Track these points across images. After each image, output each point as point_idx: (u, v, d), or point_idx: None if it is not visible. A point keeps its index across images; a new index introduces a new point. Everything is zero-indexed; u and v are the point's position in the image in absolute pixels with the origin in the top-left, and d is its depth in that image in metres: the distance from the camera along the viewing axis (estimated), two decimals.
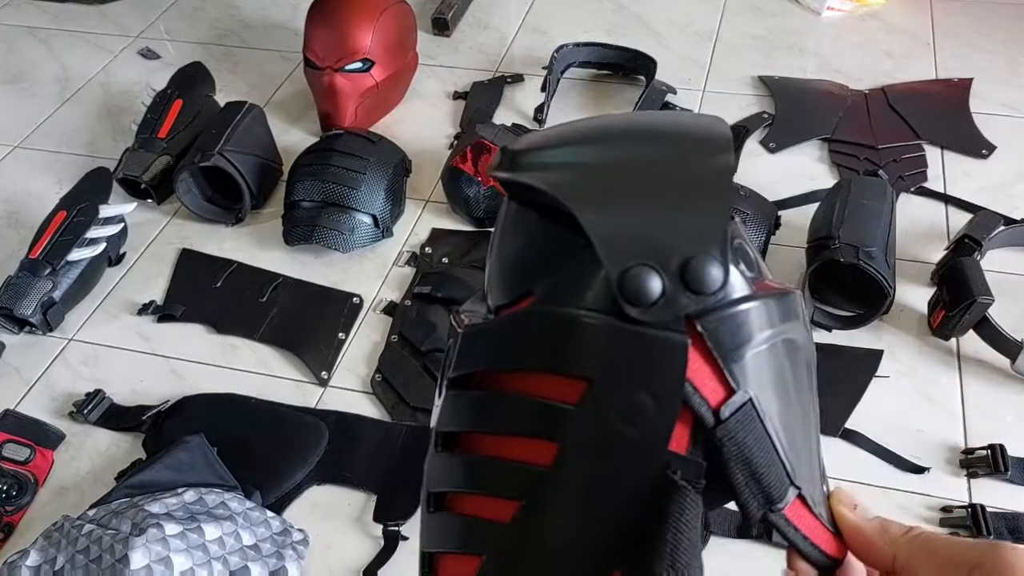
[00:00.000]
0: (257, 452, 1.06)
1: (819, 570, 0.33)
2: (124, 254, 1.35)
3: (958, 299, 1.07)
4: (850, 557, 0.33)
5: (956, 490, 0.99)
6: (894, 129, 1.44)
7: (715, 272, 0.28)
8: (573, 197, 0.29)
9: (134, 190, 1.41)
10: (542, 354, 0.29)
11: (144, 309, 1.27)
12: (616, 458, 0.29)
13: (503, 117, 1.53)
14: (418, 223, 1.37)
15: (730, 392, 0.29)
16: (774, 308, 0.30)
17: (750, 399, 0.30)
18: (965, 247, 1.14)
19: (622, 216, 0.29)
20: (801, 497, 0.32)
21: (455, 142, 1.47)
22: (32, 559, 0.86)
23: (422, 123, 1.56)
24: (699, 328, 0.28)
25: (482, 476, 0.31)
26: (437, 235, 1.34)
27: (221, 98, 1.51)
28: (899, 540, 0.32)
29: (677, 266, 0.28)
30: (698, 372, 0.29)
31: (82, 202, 1.30)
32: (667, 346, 0.28)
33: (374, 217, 1.31)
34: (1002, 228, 1.17)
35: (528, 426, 0.30)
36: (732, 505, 0.33)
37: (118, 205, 1.32)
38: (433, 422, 0.33)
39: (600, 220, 0.28)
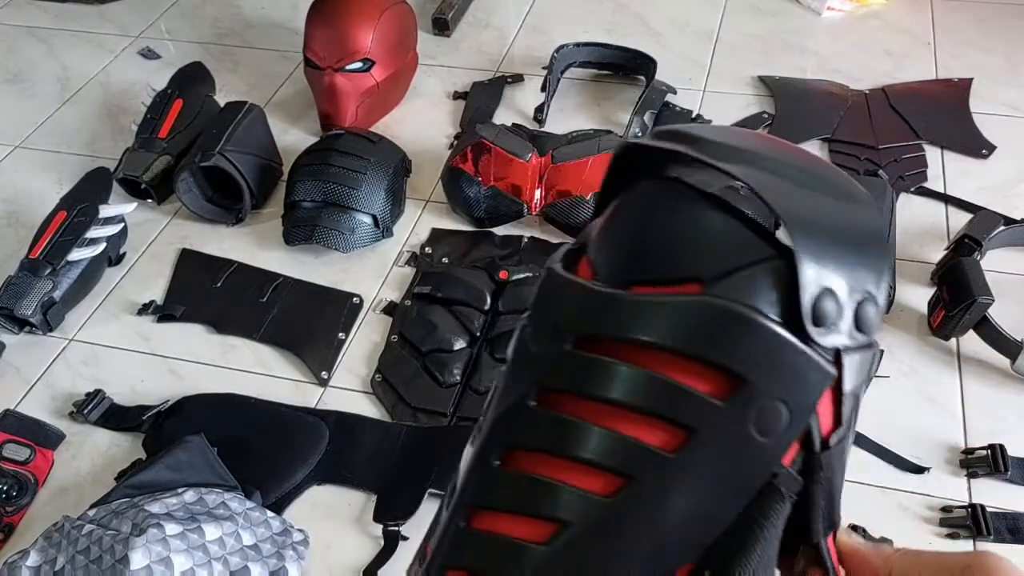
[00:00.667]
0: (257, 452, 1.06)
1: None
2: (124, 254, 1.35)
3: (958, 299, 1.07)
4: None
5: (956, 490, 0.99)
6: (894, 129, 1.44)
7: (877, 318, 0.30)
8: (785, 209, 0.29)
9: (134, 190, 1.41)
10: (709, 344, 0.29)
11: (144, 309, 1.27)
12: (740, 459, 0.30)
13: (503, 117, 1.53)
14: (418, 223, 1.37)
15: (837, 424, 0.31)
16: (877, 358, 0.33)
17: (846, 434, 0.32)
18: (965, 247, 1.15)
19: (825, 242, 0.30)
20: None
21: (455, 142, 1.47)
22: (32, 559, 0.86)
23: (422, 123, 1.56)
24: (843, 362, 0.30)
25: (588, 444, 0.30)
26: (437, 235, 1.34)
27: (221, 98, 1.51)
28: (892, 556, 0.34)
29: (856, 303, 0.30)
30: (823, 401, 0.31)
31: (82, 202, 1.30)
32: (821, 372, 0.30)
33: (374, 217, 1.31)
34: (1002, 228, 1.17)
35: (664, 408, 0.29)
36: None
37: (118, 205, 1.32)
38: (513, 369, 0.32)
39: (809, 240, 0.29)
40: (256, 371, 1.18)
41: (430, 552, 0.33)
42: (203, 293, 1.28)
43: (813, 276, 0.29)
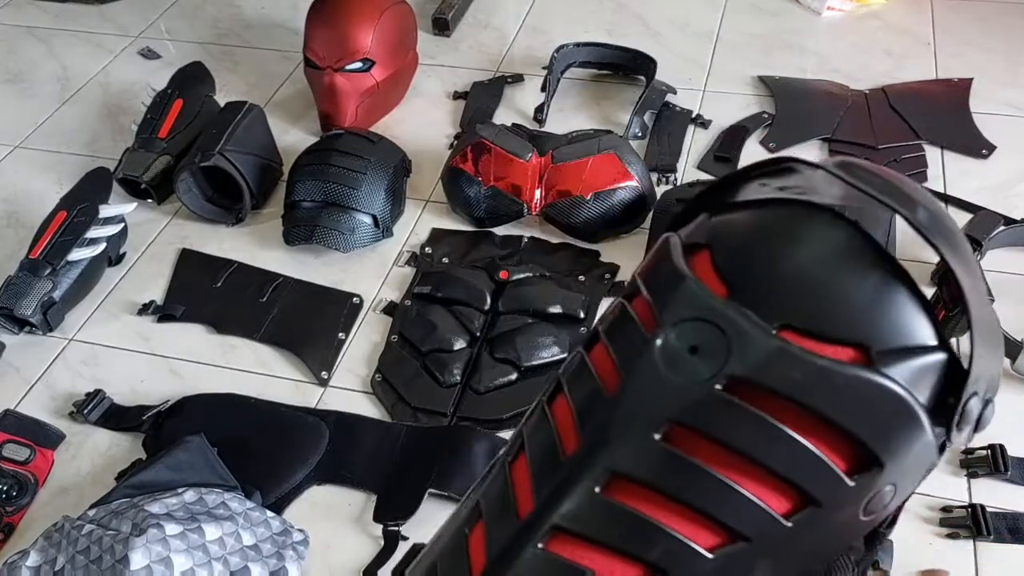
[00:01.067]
0: (257, 452, 1.06)
1: None
2: (124, 254, 1.35)
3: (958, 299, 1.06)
4: None
5: (956, 490, 0.99)
6: (894, 129, 1.44)
7: (991, 417, 0.34)
8: (979, 317, 0.29)
9: (134, 190, 1.41)
10: (867, 424, 0.28)
11: (144, 309, 1.27)
12: (841, 533, 0.29)
13: (503, 117, 1.53)
14: (418, 223, 1.37)
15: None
16: None
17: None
18: None
19: (994, 349, 0.31)
20: None
21: (455, 142, 1.47)
22: (32, 559, 0.86)
23: (422, 123, 1.56)
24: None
25: (709, 497, 0.28)
26: (437, 235, 1.34)
27: (221, 98, 1.51)
28: None
29: (983, 405, 0.34)
30: None
31: (82, 202, 1.30)
32: (933, 462, 0.32)
33: (374, 217, 1.31)
34: (1002, 228, 1.17)
35: (797, 475, 0.28)
36: None
37: (118, 205, 1.32)
38: (637, 386, 0.29)
39: (986, 349, 0.30)
40: (256, 371, 1.18)
41: (487, 561, 0.30)
42: (203, 293, 1.28)
43: (974, 381, 0.30)
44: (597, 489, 0.28)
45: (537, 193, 1.29)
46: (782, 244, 0.29)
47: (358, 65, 1.46)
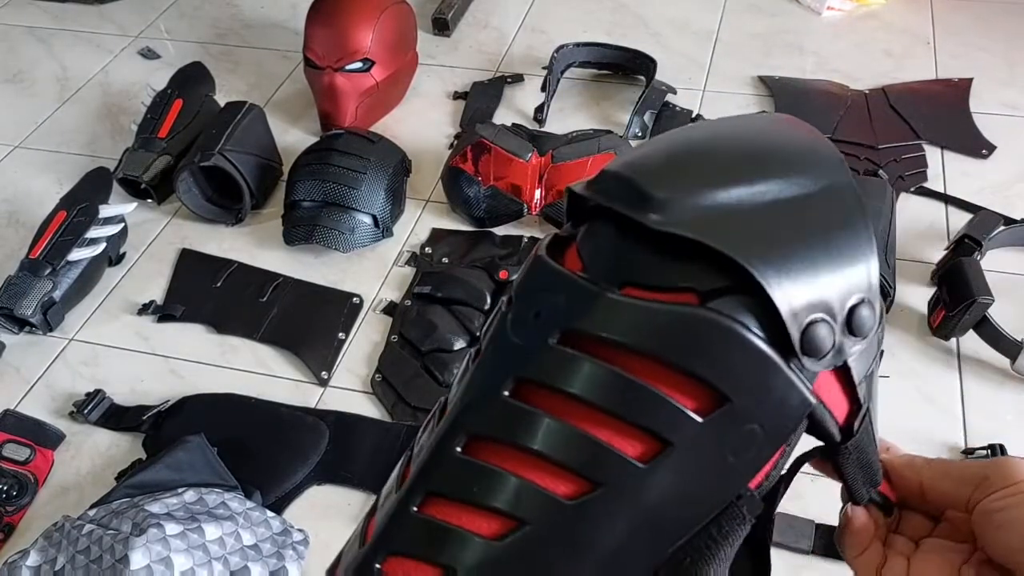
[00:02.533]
0: (257, 452, 1.06)
1: (884, 513, 0.38)
2: (124, 254, 1.35)
3: (958, 299, 1.07)
4: None
5: None
6: (894, 129, 1.44)
7: (873, 316, 0.30)
8: (743, 254, 0.28)
9: (134, 190, 1.41)
10: (700, 357, 0.28)
11: (144, 309, 1.27)
12: (708, 478, 0.29)
13: (503, 117, 1.53)
14: (418, 223, 1.37)
15: (857, 409, 0.32)
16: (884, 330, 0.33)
17: (867, 409, 0.33)
18: (965, 247, 1.15)
19: (793, 270, 0.29)
20: None
21: (455, 142, 1.47)
22: (32, 559, 0.86)
23: (422, 123, 1.56)
24: (848, 360, 0.31)
25: (561, 443, 0.29)
26: (437, 235, 1.34)
27: (221, 98, 1.51)
28: (923, 468, 0.37)
29: (845, 316, 0.30)
30: (834, 397, 0.31)
31: (82, 202, 1.30)
32: (802, 400, 0.30)
33: (374, 217, 1.31)
34: (1002, 228, 1.17)
35: (645, 418, 0.29)
36: None
37: (118, 205, 1.32)
38: (490, 355, 0.31)
39: (778, 278, 0.29)
40: (256, 371, 1.18)
41: (373, 534, 0.31)
42: (203, 293, 1.28)
43: (792, 314, 0.29)
44: (458, 449, 0.29)
45: (537, 193, 1.29)
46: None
47: (358, 65, 1.46)
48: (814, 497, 0.98)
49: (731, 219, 0.29)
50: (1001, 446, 1.00)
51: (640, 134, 1.48)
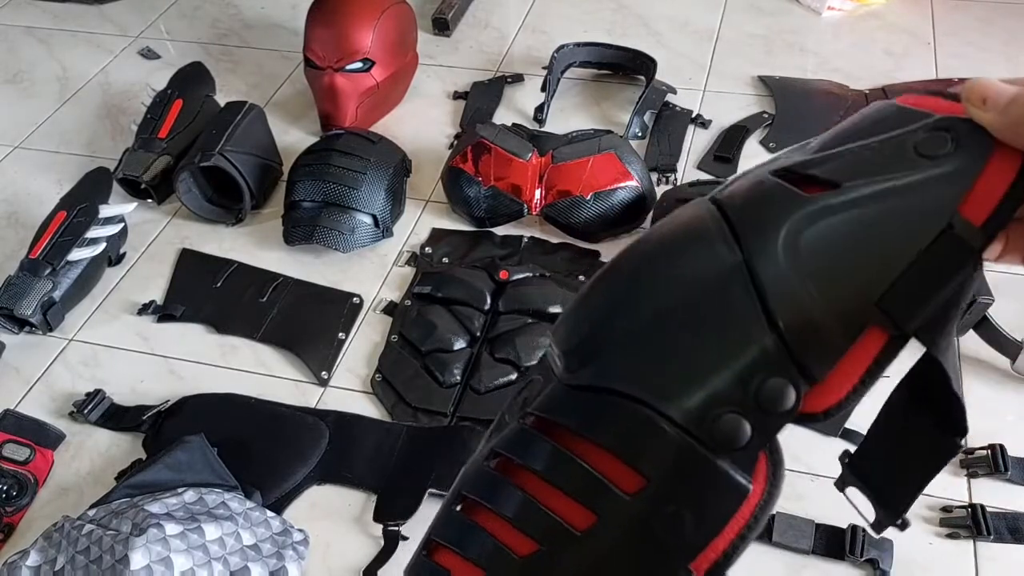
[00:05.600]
0: (257, 452, 1.06)
1: None
2: (124, 254, 1.35)
3: None
4: None
5: (956, 490, 0.99)
6: None
7: (785, 386, 0.31)
8: (639, 388, 0.32)
9: (134, 190, 1.41)
10: (621, 441, 0.32)
11: (144, 309, 1.27)
12: (641, 556, 0.32)
13: (503, 117, 1.53)
14: (418, 223, 1.37)
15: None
16: None
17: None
18: None
19: (678, 382, 0.32)
20: None
21: (455, 142, 1.47)
22: (32, 559, 0.86)
23: (422, 123, 1.56)
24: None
25: (516, 509, 0.33)
26: (437, 235, 1.34)
27: (221, 98, 1.51)
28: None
29: (752, 399, 0.31)
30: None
31: (82, 202, 1.30)
32: (733, 488, 0.31)
33: (374, 217, 1.31)
34: None
35: (580, 492, 0.33)
36: None
37: (118, 205, 1.32)
38: (492, 439, 0.36)
39: (665, 396, 0.32)
40: (256, 371, 1.18)
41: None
42: (203, 293, 1.28)
43: (693, 415, 0.31)
44: (457, 508, 0.35)
45: (537, 193, 1.29)
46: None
47: (358, 65, 1.46)
48: (814, 497, 0.98)
49: (624, 357, 0.33)
50: (1001, 446, 1.00)
51: (640, 134, 1.48)
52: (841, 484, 0.39)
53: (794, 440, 1.05)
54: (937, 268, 0.30)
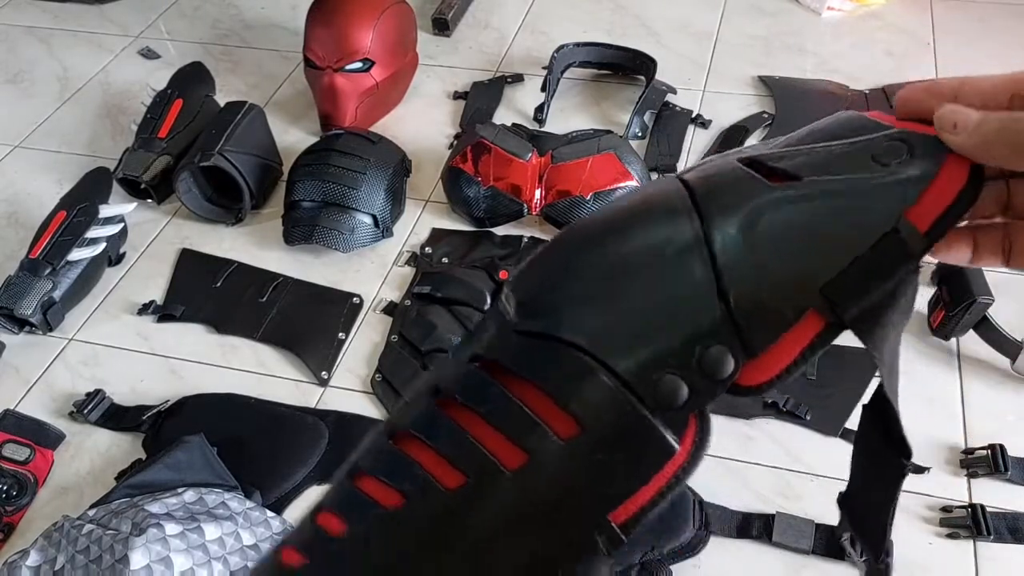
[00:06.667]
0: (257, 452, 1.06)
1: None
2: (124, 254, 1.35)
3: (958, 299, 1.07)
4: None
5: (956, 490, 0.99)
6: None
7: (725, 356, 0.32)
8: (588, 341, 0.33)
9: (134, 190, 1.41)
10: (561, 387, 0.33)
11: (144, 309, 1.27)
12: (565, 500, 0.33)
13: (503, 117, 1.53)
14: (418, 223, 1.37)
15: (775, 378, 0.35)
16: None
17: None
18: None
19: (628, 338, 0.33)
20: None
21: (455, 142, 1.47)
22: (32, 559, 0.86)
23: (422, 123, 1.56)
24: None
25: (449, 442, 0.34)
26: (437, 235, 1.34)
27: (221, 98, 1.51)
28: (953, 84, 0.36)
29: (696, 363, 0.32)
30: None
31: (82, 202, 1.30)
32: (662, 447, 0.33)
33: (374, 217, 1.31)
34: None
35: (515, 432, 0.33)
36: (731, 505, 0.36)
37: (118, 205, 1.32)
38: (436, 369, 0.37)
39: (613, 350, 0.33)
40: (256, 371, 1.18)
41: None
42: (203, 293, 1.28)
43: (638, 371, 0.32)
44: (389, 441, 0.35)
45: (537, 193, 1.29)
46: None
47: (358, 65, 1.46)
48: (814, 497, 0.98)
49: (576, 309, 0.34)
50: (1001, 446, 1.00)
51: (640, 134, 1.48)
52: (839, 529, 0.41)
53: (794, 440, 1.05)
54: (879, 265, 0.32)
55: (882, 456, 0.38)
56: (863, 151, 0.34)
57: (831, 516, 0.96)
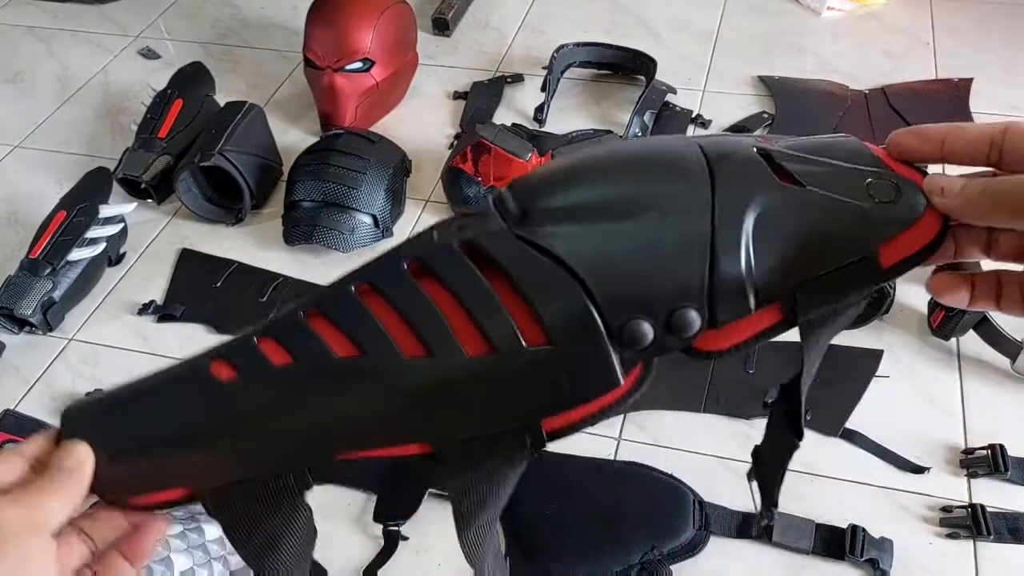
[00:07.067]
0: None
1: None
2: (124, 254, 1.35)
3: None
4: None
5: (956, 490, 0.99)
6: (894, 129, 1.44)
7: (698, 319, 0.35)
8: (581, 266, 0.36)
9: (134, 190, 1.41)
10: (543, 298, 0.35)
11: (144, 309, 1.27)
12: (510, 394, 0.36)
13: (503, 117, 1.53)
14: (418, 223, 1.37)
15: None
16: None
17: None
18: None
19: (616, 274, 0.36)
20: None
21: (455, 142, 1.47)
22: None
23: (422, 123, 1.56)
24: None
25: (418, 311, 0.36)
26: None
27: (221, 98, 1.51)
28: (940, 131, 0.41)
29: (665, 318, 0.35)
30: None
31: (82, 202, 1.30)
32: (610, 379, 0.36)
33: (374, 217, 1.31)
34: None
35: (488, 324, 0.35)
36: (731, 505, 0.39)
37: (118, 205, 1.32)
38: (412, 246, 0.39)
39: (599, 278, 0.35)
40: None
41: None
42: (203, 293, 1.28)
43: (611, 303, 0.35)
44: (352, 288, 0.37)
45: None
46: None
47: (358, 65, 1.46)
48: (814, 497, 0.98)
49: (579, 232, 0.37)
50: (1001, 446, 1.00)
51: (640, 134, 1.48)
52: (748, 476, 0.46)
53: None
54: (844, 282, 0.36)
55: (784, 431, 0.42)
56: (859, 178, 0.37)
57: (831, 516, 0.96)
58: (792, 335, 0.38)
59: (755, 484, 0.46)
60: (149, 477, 0.40)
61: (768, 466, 0.44)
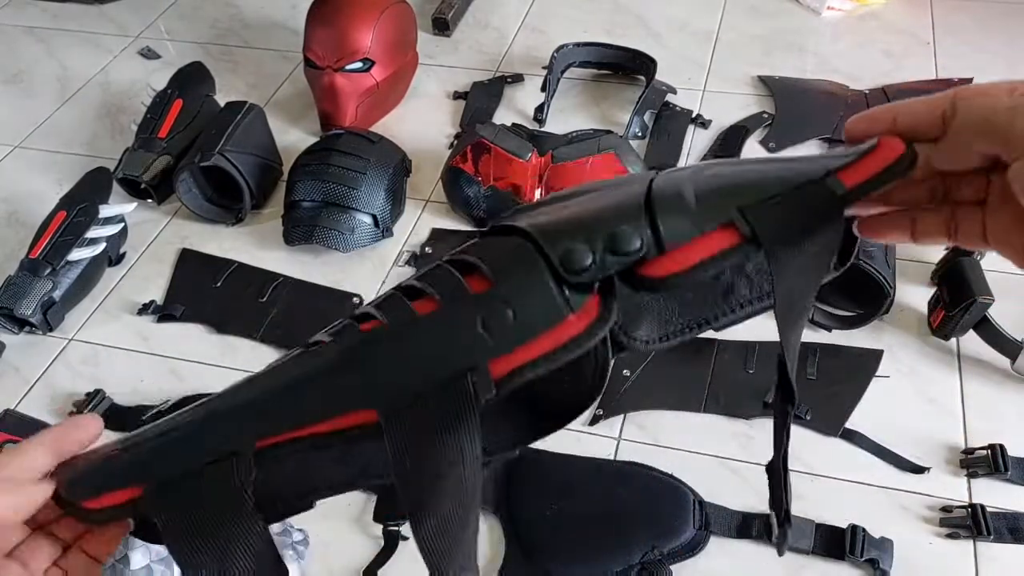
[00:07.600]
0: None
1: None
2: (124, 254, 1.35)
3: (958, 299, 1.07)
4: None
5: (956, 490, 0.99)
6: None
7: (636, 234, 0.36)
8: (532, 228, 0.39)
9: (134, 190, 1.41)
10: (490, 254, 0.39)
11: (144, 309, 1.27)
12: (456, 340, 0.37)
13: (503, 117, 1.53)
14: (418, 223, 1.37)
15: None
16: None
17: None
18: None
19: (563, 223, 0.38)
20: None
21: (455, 142, 1.47)
22: None
23: (422, 123, 1.56)
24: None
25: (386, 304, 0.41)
26: (437, 235, 1.34)
27: (221, 98, 1.51)
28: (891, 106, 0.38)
29: (605, 239, 0.36)
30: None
31: (82, 202, 1.30)
32: (553, 307, 0.37)
33: (374, 217, 1.31)
34: None
35: (438, 286, 0.39)
36: (731, 505, 0.38)
37: (118, 205, 1.32)
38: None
39: (546, 230, 0.38)
40: (256, 371, 1.18)
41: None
42: (203, 293, 1.28)
43: (549, 237, 0.37)
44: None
45: (537, 193, 1.29)
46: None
47: (358, 65, 1.46)
48: (814, 497, 0.98)
49: (535, 212, 0.41)
50: (1001, 446, 1.00)
51: (640, 134, 1.48)
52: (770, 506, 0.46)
53: (794, 440, 1.05)
54: (802, 200, 0.36)
55: (778, 403, 0.42)
56: (816, 159, 0.38)
57: (831, 516, 0.96)
58: None
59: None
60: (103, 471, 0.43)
61: (774, 467, 0.44)
